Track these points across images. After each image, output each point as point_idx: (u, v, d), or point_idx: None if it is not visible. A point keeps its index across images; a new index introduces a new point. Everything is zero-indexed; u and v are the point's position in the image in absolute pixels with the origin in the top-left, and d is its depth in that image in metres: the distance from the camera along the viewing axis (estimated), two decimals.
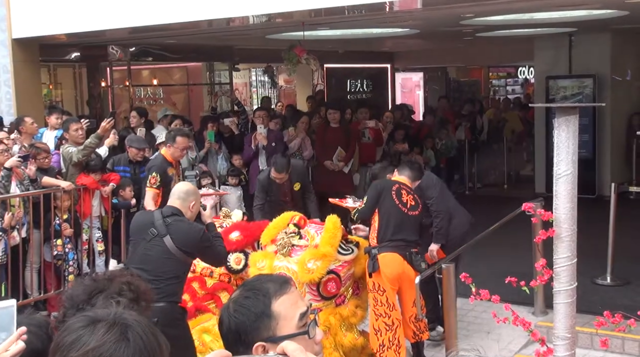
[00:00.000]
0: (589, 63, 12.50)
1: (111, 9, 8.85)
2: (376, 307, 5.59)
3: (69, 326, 1.63)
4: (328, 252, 5.44)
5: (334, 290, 5.49)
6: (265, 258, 5.55)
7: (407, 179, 6.01)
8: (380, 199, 5.79)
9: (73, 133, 8.01)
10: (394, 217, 5.70)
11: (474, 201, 13.03)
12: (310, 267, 5.36)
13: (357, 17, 9.12)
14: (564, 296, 4.31)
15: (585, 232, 4.44)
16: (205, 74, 16.20)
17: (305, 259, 5.40)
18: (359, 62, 17.20)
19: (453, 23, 10.52)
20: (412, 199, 5.88)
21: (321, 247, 5.46)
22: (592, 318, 6.04)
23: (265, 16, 8.39)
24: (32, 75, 10.36)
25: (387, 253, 5.61)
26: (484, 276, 6.15)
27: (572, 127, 4.16)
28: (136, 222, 4.98)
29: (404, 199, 5.81)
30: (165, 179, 7.24)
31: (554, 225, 4.27)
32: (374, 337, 5.62)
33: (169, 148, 7.47)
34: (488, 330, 6.60)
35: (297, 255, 5.50)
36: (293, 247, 5.53)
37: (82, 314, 1.71)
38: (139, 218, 5.06)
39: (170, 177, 7.34)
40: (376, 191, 5.86)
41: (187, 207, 4.83)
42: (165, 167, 7.35)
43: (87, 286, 2.27)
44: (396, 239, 5.67)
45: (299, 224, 5.65)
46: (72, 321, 1.65)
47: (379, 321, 5.58)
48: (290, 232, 5.60)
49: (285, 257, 5.49)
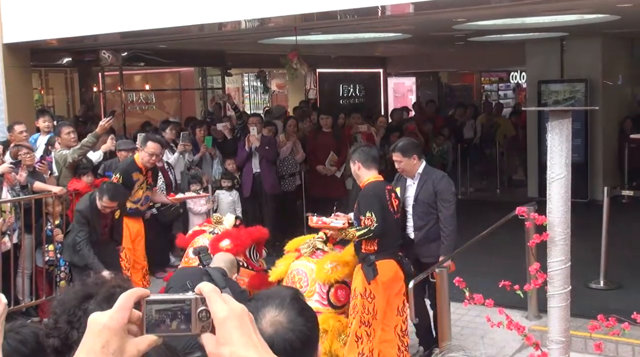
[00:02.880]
0: (580, 68, 12.54)
1: (102, 13, 8.82)
2: (363, 314, 5.48)
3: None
4: (351, 261, 5.59)
5: (342, 299, 5.54)
6: (283, 261, 5.74)
7: (375, 172, 5.68)
8: (382, 208, 5.50)
9: (65, 136, 7.99)
10: (389, 224, 5.53)
11: (466, 206, 13.06)
12: (328, 267, 5.49)
13: (349, 21, 9.12)
14: (558, 300, 4.30)
15: (578, 237, 4.43)
16: (197, 79, 16.17)
17: (326, 260, 5.57)
18: (351, 67, 17.22)
19: (445, 28, 10.54)
20: (394, 197, 5.68)
21: (345, 255, 5.64)
22: (585, 322, 6.04)
23: (257, 21, 8.39)
24: (23, 80, 10.31)
25: (385, 260, 5.55)
26: (477, 280, 6.14)
27: (565, 130, 4.16)
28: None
29: (394, 202, 5.63)
30: (128, 181, 7.26)
31: (548, 228, 4.26)
32: (354, 344, 5.46)
33: (140, 152, 7.46)
34: (482, 334, 6.58)
35: (318, 257, 5.66)
36: (317, 250, 5.71)
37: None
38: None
39: (134, 181, 7.33)
40: (378, 199, 5.50)
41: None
42: (131, 170, 7.35)
43: (77, 291, 2.24)
44: (390, 244, 5.58)
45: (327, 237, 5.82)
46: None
47: (361, 329, 5.48)
48: (318, 237, 5.80)
49: (306, 257, 5.65)
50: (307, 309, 1.95)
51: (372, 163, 5.65)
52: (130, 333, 1.19)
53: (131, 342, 1.18)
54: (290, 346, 1.82)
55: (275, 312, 1.86)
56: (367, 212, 5.43)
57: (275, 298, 1.91)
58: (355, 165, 5.66)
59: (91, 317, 1.20)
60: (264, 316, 1.86)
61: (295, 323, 1.86)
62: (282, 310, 1.87)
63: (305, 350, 1.87)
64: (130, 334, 1.19)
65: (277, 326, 1.85)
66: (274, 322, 1.85)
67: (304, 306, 1.94)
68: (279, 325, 1.84)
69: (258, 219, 8.94)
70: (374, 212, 5.41)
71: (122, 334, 1.17)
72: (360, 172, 5.67)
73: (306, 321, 1.89)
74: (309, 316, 1.93)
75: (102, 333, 1.17)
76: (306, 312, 1.93)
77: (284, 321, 1.86)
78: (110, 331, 1.16)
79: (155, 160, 7.48)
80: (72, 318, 2.16)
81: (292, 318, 1.87)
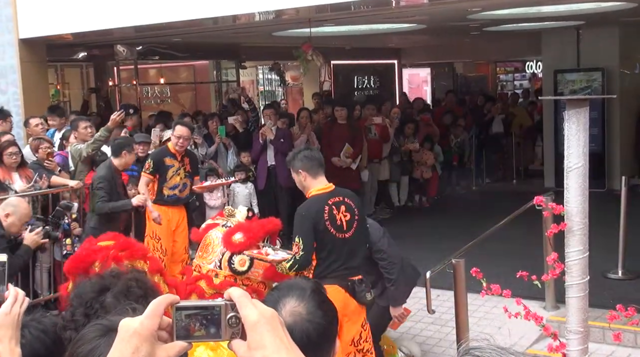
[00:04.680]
0: (597, 56, 12.43)
1: (117, 7, 8.85)
2: None
3: (83, 335, 1.61)
4: None
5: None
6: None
7: (325, 180, 4.85)
8: (315, 231, 4.64)
9: (82, 131, 8.04)
10: (329, 245, 4.68)
11: (482, 197, 13.03)
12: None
13: (364, 12, 9.09)
14: (577, 290, 4.27)
15: (595, 226, 4.39)
16: (212, 72, 16.20)
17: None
18: (365, 58, 17.16)
19: (460, 17, 10.47)
20: (344, 210, 4.75)
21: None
22: (604, 312, 6.00)
23: (271, 13, 8.37)
24: (39, 75, 10.37)
25: (328, 286, 4.48)
26: (493, 271, 6.11)
27: (583, 119, 4.12)
28: None
29: (338, 219, 4.71)
30: (160, 166, 7.32)
31: (566, 218, 4.23)
32: None
33: (173, 138, 7.54)
34: (499, 325, 6.56)
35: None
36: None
37: (97, 322, 1.69)
38: None
39: (168, 166, 7.38)
40: (309, 220, 4.64)
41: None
42: (163, 155, 7.42)
43: (94, 284, 2.25)
44: (335, 268, 4.71)
45: None
46: (87, 330, 1.63)
47: None
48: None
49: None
50: (327, 302, 1.97)
51: (318, 169, 4.82)
52: (160, 339, 1.20)
53: (161, 348, 1.19)
54: (307, 337, 1.83)
55: (295, 303, 1.89)
56: (296, 237, 4.67)
57: (296, 289, 1.93)
58: (301, 176, 4.83)
59: (122, 323, 1.21)
60: (284, 306, 1.88)
61: (314, 315, 1.88)
62: (302, 301, 1.89)
63: (321, 342, 1.88)
64: (160, 340, 1.20)
65: (296, 316, 1.87)
66: (293, 313, 1.87)
67: (324, 299, 1.96)
68: (298, 316, 1.87)
69: (273, 212, 8.94)
70: (301, 238, 4.63)
71: (152, 340, 1.18)
72: (306, 183, 4.82)
73: (325, 314, 1.91)
74: (328, 309, 1.95)
75: (132, 339, 1.18)
76: (325, 305, 1.94)
77: (304, 312, 1.88)
78: (140, 337, 1.17)
79: (184, 143, 7.49)
80: (89, 311, 2.17)
81: (312, 310, 1.89)
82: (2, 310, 2.02)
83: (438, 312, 6.56)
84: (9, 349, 1.99)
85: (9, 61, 10.08)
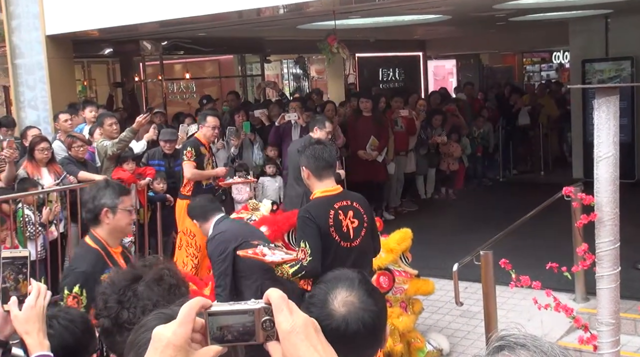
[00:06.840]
0: (626, 45, 12.24)
1: (142, 2, 8.90)
2: None
3: (145, 323, 1.62)
4: (395, 248, 5.51)
5: (385, 285, 5.43)
6: None
7: (332, 182, 4.48)
8: (322, 236, 4.27)
9: (107, 128, 8.07)
10: (332, 254, 4.30)
11: (509, 188, 12.93)
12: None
13: (388, 3, 9.04)
14: (608, 281, 4.21)
15: (625, 217, 4.31)
16: (237, 66, 16.23)
17: None
18: (390, 50, 17.09)
19: (485, 8, 10.37)
20: (352, 216, 4.39)
21: (390, 242, 5.52)
22: (635, 304, 5.93)
23: (295, 5, 8.35)
24: (66, 71, 10.46)
25: None
26: (522, 262, 6.05)
27: (613, 108, 4.05)
28: None
29: (344, 225, 4.34)
30: (199, 155, 7.44)
31: (596, 209, 4.17)
32: None
33: (201, 129, 7.63)
34: (528, 317, 6.50)
35: None
36: None
37: (160, 310, 1.71)
38: None
39: (203, 156, 7.50)
40: (313, 224, 4.27)
41: None
42: (199, 145, 7.52)
43: (127, 272, 2.29)
44: None
45: None
46: (150, 318, 1.65)
47: None
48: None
49: None
50: (375, 290, 2.00)
51: (323, 170, 4.42)
52: (194, 341, 1.19)
53: (196, 354, 1.18)
54: (364, 326, 1.86)
55: (346, 294, 1.90)
56: (301, 242, 4.29)
57: (344, 280, 1.95)
58: (304, 173, 4.49)
59: (154, 331, 1.19)
60: (335, 297, 1.90)
61: (366, 303, 1.90)
62: (352, 291, 1.91)
63: (376, 329, 1.91)
64: (194, 342, 1.19)
65: (349, 306, 1.88)
66: (346, 303, 1.89)
67: (372, 287, 1.99)
68: (352, 305, 1.88)
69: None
70: (307, 242, 4.24)
71: (186, 348, 1.17)
72: (310, 182, 4.49)
73: (376, 302, 1.94)
74: (377, 297, 1.98)
75: (166, 350, 1.16)
76: (375, 293, 1.97)
77: (356, 301, 1.90)
78: (174, 348, 1.16)
79: (216, 133, 7.79)
80: (122, 298, 2.20)
81: (364, 298, 1.91)
82: (27, 304, 2.05)
83: (466, 305, 6.52)
84: (37, 341, 2.02)
85: (37, 58, 10.18)
